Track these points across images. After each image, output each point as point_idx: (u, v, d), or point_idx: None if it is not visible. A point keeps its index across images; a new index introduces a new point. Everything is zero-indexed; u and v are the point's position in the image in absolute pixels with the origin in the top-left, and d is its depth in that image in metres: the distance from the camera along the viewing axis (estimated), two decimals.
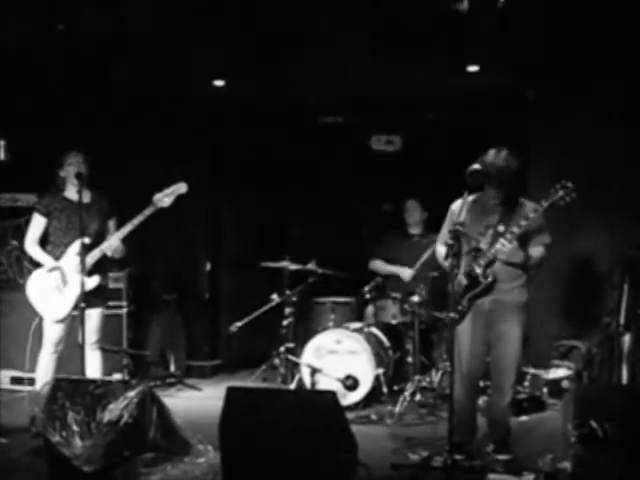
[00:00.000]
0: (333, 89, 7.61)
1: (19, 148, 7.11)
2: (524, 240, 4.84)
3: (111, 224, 5.82)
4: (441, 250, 5.13)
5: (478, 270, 4.82)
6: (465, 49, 6.39)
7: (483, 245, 4.85)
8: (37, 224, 5.73)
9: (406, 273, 7.06)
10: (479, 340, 4.92)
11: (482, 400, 5.85)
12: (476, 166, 4.74)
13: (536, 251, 4.92)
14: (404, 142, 8.57)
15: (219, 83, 7.46)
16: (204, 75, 7.26)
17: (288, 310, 7.11)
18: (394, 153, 8.55)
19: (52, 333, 5.66)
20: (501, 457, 4.90)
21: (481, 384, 5.69)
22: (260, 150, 8.21)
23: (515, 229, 4.72)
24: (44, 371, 5.63)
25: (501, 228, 4.84)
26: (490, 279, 4.82)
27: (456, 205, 5.04)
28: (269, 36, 6.12)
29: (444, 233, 5.11)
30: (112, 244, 5.63)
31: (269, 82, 7.31)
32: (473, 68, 6.98)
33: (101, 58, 6.53)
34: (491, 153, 4.85)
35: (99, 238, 5.67)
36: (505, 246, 4.70)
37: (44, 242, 5.75)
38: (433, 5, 5.52)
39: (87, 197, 5.62)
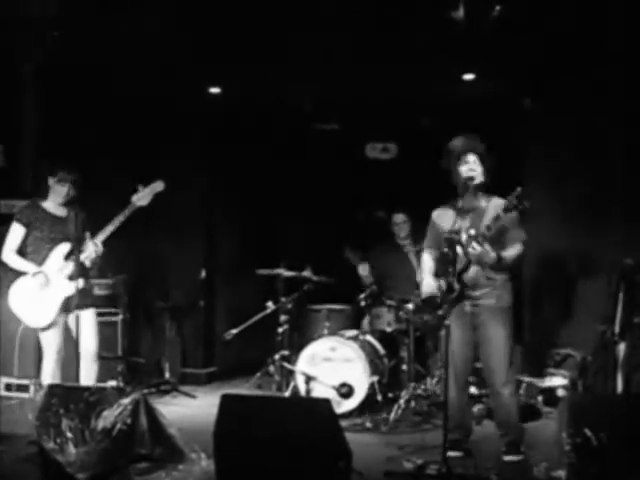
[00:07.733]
0: (329, 96, 7.61)
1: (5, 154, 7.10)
2: (500, 238, 4.90)
3: (87, 235, 5.81)
4: (426, 258, 5.29)
5: (450, 278, 4.85)
6: (461, 57, 6.41)
7: (458, 250, 4.87)
8: (17, 234, 5.73)
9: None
10: (464, 341, 5.01)
11: (477, 408, 5.89)
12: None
13: (512, 250, 4.96)
14: (400, 150, 8.56)
15: (215, 90, 7.46)
16: (199, 82, 7.27)
17: (283, 317, 7.11)
18: (389, 161, 8.55)
19: (47, 340, 5.68)
20: (509, 458, 4.96)
21: (476, 392, 5.71)
22: (255, 157, 8.21)
23: (486, 232, 4.80)
24: (49, 379, 5.61)
25: (472, 232, 4.87)
26: (457, 287, 4.83)
27: (437, 213, 5.25)
28: (265, 43, 6.14)
29: (429, 242, 5.30)
30: (97, 244, 5.65)
31: (264, 88, 7.32)
32: (469, 76, 6.99)
33: (98, 63, 6.54)
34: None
35: (80, 245, 5.68)
36: (475, 249, 4.77)
37: (21, 252, 5.75)
38: (429, 13, 5.54)
39: (64, 212, 5.76)
